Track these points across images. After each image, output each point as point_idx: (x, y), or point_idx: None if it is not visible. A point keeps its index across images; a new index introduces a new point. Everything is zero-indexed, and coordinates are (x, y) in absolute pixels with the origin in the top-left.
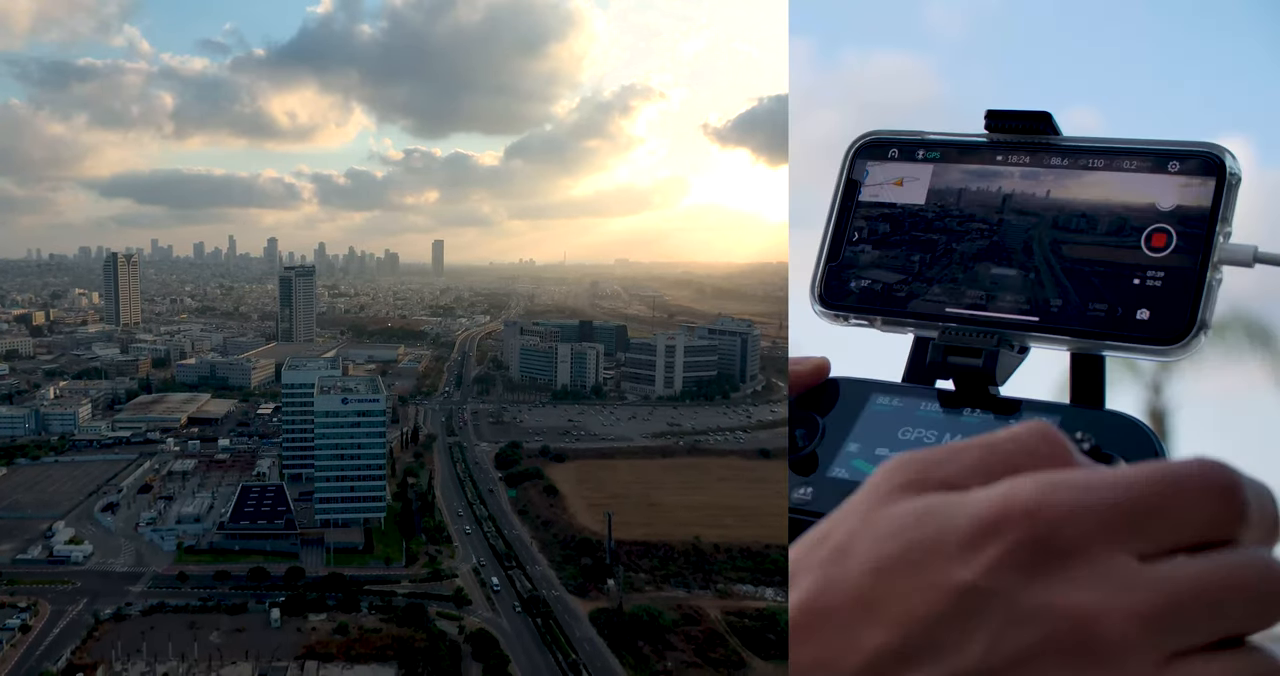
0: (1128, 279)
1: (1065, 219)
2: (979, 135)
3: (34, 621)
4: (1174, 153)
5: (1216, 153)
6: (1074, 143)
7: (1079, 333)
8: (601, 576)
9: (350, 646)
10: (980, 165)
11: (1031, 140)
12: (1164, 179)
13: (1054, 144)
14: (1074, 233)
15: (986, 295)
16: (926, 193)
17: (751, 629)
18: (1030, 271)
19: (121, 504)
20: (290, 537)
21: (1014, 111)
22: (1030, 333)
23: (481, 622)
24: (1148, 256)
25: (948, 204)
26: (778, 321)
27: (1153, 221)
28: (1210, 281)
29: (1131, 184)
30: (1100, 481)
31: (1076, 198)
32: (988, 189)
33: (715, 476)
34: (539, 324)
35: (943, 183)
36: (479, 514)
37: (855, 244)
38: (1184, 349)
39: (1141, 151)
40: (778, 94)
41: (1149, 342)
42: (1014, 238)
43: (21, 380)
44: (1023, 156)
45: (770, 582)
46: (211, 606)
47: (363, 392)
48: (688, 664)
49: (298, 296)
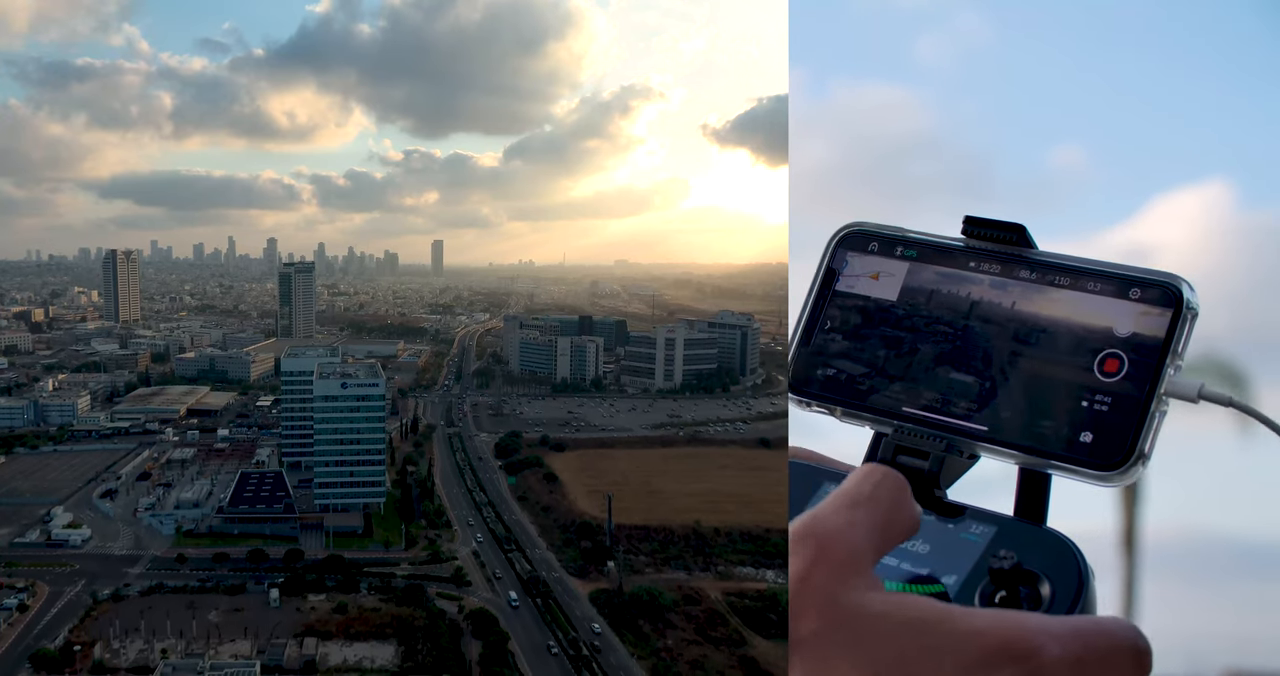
0: (1077, 400)
1: (1026, 332)
2: (956, 239)
3: (32, 602)
4: (1136, 280)
5: (1176, 284)
6: (1044, 258)
7: (1024, 448)
8: (601, 559)
9: (349, 624)
10: (953, 269)
11: (1005, 250)
12: (1124, 305)
13: (1026, 257)
14: (1032, 347)
15: (942, 399)
16: (900, 289)
17: (752, 609)
18: (986, 380)
19: (120, 490)
20: (289, 521)
21: (991, 220)
22: (978, 441)
23: (481, 602)
24: (1099, 380)
25: (918, 303)
26: (777, 319)
27: (1107, 346)
28: (1154, 412)
29: (1093, 306)
30: (1065, 632)
31: (1040, 313)
32: (957, 293)
33: (715, 464)
34: (539, 318)
35: (916, 281)
36: (478, 500)
37: (828, 332)
38: (1122, 477)
39: (1105, 275)
40: (777, 94)
41: (1088, 467)
42: (975, 345)
43: (21, 374)
44: (994, 266)
45: (771, 565)
46: (210, 587)
47: (362, 378)
48: (688, 641)
49: (297, 293)
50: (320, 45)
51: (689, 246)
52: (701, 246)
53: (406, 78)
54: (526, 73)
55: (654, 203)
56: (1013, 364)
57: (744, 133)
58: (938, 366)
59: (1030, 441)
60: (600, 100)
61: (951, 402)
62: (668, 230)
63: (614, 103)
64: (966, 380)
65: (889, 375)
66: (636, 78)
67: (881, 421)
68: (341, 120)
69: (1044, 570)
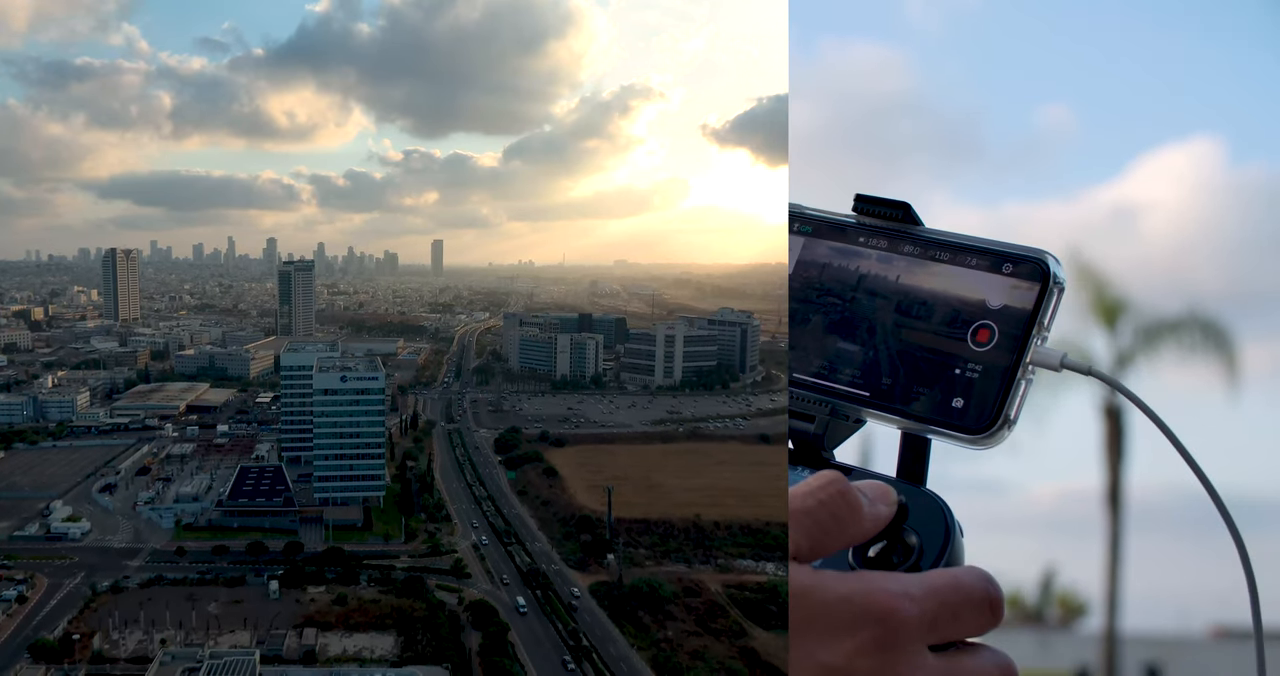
0: (951, 368)
1: (908, 304)
2: (848, 215)
3: (30, 593)
4: (1008, 255)
5: (1044, 259)
6: (928, 234)
7: (902, 413)
8: (601, 551)
9: (349, 615)
10: (844, 244)
11: (892, 227)
12: (996, 279)
13: (910, 233)
14: (913, 318)
15: (829, 366)
16: (795, 263)
17: (753, 600)
18: (870, 349)
19: (119, 485)
20: (289, 515)
21: (879, 198)
22: (860, 406)
23: (481, 594)
24: (971, 349)
25: (811, 276)
26: (777, 318)
27: (980, 317)
28: (1020, 380)
29: (968, 280)
30: (921, 591)
31: (921, 286)
32: (847, 267)
33: (715, 460)
34: (538, 316)
35: (810, 255)
36: (478, 494)
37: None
38: (989, 440)
39: (981, 250)
40: (777, 94)
41: (959, 431)
42: (861, 316)
43: (20, 371)
44: (882, 241)
45: (771, 558)
46: (210, 579)
47: (362, 371)
48: (688, 632)
49: (297, 291)
50: (320, 44)
51: (689, 246)
52: (701, 246)
53: (406, 77)
54: (526, 72)
55: (653, 203)
56: (895, 334)
57: (744, 133)
58: (827, 337)
59: (907, 406)
60: (600, 100)
61: (838, 370)
62: (667, 230)
63: (614, 102)
64: (853, 349)
65: (785, 345)
66: (636, 77)
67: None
68: (341, 120)
69: (915, 525)
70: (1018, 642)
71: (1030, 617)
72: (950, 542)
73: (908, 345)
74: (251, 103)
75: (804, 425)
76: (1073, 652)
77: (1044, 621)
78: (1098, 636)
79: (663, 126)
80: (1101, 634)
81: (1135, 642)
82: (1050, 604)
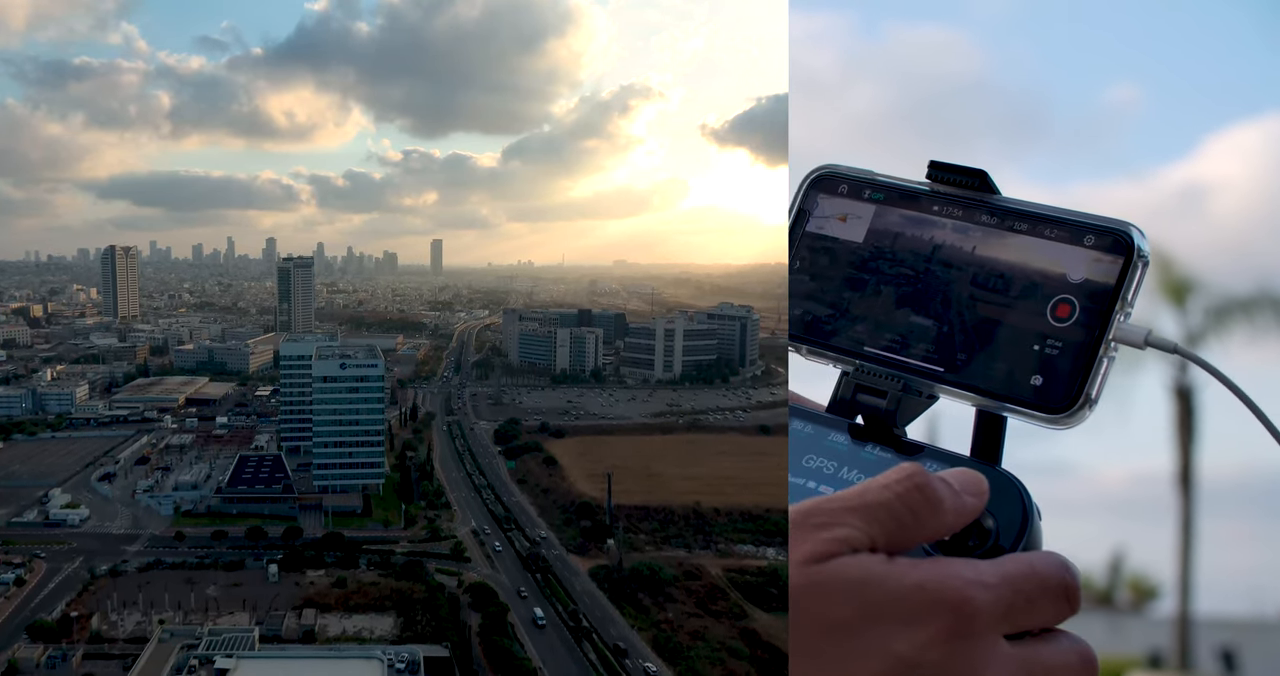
0: (1029, 344)
1: (984, 277)
2: (921, 183)
3: (29, 577)
4: (1090, 226)
5: (1127, 231)
6: (1005, 203)
7: (978, 390)
8: (601, 537)
9: (348, 597)
10: (917, 213)
11: (968, 196)
12: (1078, 251)
13: (987, 202)
14: (989, 291)
15: (901, 340)
16: (866, 232)
17: (753, 584)
18: (945, 324)
19: (119, 474)
20: (288, 502)
21: (955, 165)
22: (935, 382)
23: (481, 577)
24: (1050, 325)
25: (883, 246)
26: (777, 317)
27: (1060, 291)
28: (1103, 357)
29: (1048, 252)
30: (996, 578)
31: (998, 258)
32: (920, 237)
33: (714, 450)
34: (538, 311)
35: (882, 224)
36: (478, 483)
37: (797, 272)
38: (1069, 420)
39: (1061, 221)
40: (777, 94)
41: (1037, 409)
42: (935, 288)
43: (19, 366)
44: (957, 210)
45: (771, 543)
46: (209, 563)
47: (361, 359)
48: (689, 614)
49: (296, 289)
50: (319, 44)
51: (688, 246)
52: (700, 246)
53: (405, 76)
54: (526, 71)
55: (653, 203)
56: (971, 307)
57: (743, 133)
58: (899, 308)
59: (983, 383)
60: (599, 100)
61: (910, 344)
62: (667, 230)
63: (613, 102)
64: (926, 323)
65: (852, 316)
66: (636, 77)
67: (844, 360)
68: (340, 120)
69: (992, 508)
70: (1089, 626)
71: (1101, 601)
72: (1029, 526)
73: (984, 319)
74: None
75: (875, 400)
76: (1144, 636)
77: (1114, 605)
78: (1170, 619)
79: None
80: (1174, 617)
81: (1208, 625)
82: (1121, 587)
